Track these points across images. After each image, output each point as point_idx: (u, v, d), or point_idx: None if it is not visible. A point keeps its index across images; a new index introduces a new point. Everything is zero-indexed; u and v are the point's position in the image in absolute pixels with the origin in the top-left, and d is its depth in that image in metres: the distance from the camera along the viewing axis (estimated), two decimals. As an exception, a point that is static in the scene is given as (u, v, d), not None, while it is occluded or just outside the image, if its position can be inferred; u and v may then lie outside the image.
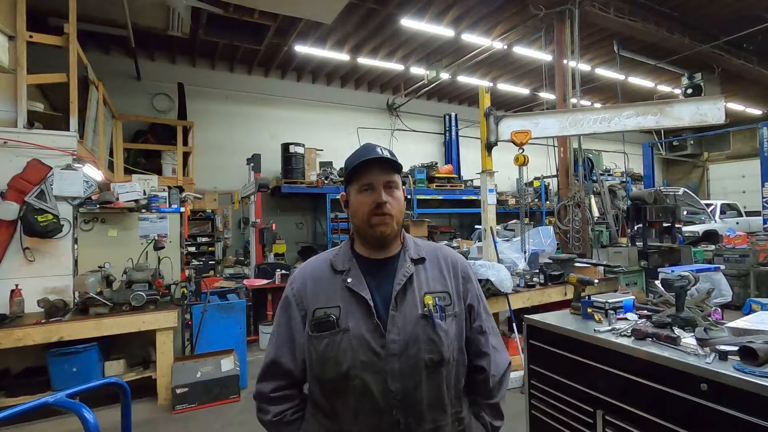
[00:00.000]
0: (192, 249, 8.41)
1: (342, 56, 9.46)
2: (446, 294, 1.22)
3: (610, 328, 2.09)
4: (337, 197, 9.69)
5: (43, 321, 3.58)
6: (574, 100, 7.31)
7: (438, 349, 1.14)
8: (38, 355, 3.72)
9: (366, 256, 1.24)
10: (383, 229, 1.18)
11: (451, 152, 12.49)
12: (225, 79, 10.08)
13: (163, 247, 4.58)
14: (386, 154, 1.19)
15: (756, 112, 14.75)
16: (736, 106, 13.92)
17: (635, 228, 6.18)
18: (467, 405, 1.26)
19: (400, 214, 1.22)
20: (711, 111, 4.24)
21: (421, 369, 1.13)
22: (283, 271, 6.15)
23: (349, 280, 1.18)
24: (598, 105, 12.44)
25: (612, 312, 2.26)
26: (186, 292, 4.45)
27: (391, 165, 1.20)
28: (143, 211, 4.68)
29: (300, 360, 1.21)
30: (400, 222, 1.23)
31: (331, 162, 10.11)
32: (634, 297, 2.46)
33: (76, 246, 4.29)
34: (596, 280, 3.15)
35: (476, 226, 9.33)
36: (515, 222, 8.89)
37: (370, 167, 1.18)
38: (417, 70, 10.33)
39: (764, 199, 8.10)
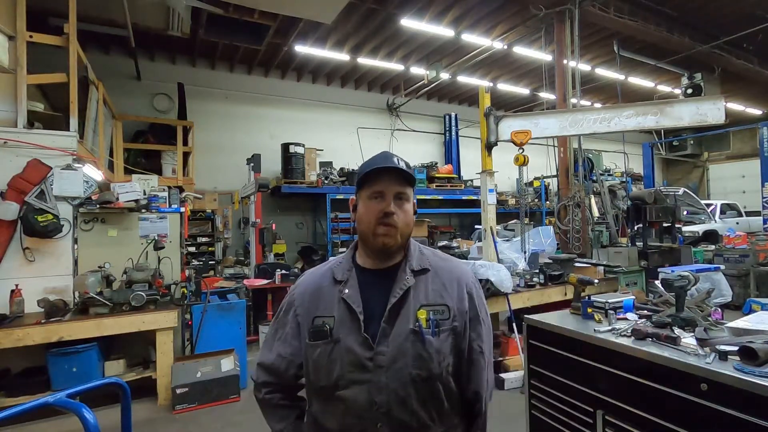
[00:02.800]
0: (192, 249, 8.41)
1: (342, 56, 9.46)
2: (445, 307, 1.18)
3: (610, 328, 2.09)
4: (338, 197, 9.59)
5: (43, 321, 3.58)
6: (574, 100, 7.31)
7: (426, 366, 1.12)
8: (38, 355, 3.72)
9: (366, 267, 1.24)
10: (386, 241, 1.17)
11: (451, 152, 12.49)
12: (225, 79, 10.08)
13: (163, 247, 4.58)
14: (402, 165, 1.18)
15: (756, 112, 14.75)
16: (736, 106, 13.92)
17: (635, 228, 6.18)
18: (460, 419, 1.23)
19: (406, 227, 1.20)
20: (711, 111, 4.25)
21: (408, 384, 1.11)
22: (283, 271, 6.14)
23: (345, 291, 1.19)
24: (598, 105, 12.44)
25: (612, 312, 2.26)
26: (186, 292, 4.45)
27: (405, 177, 1.19)
28: (143, 211, 4.68)
29: (294, 365, 1.25)
30: (406, 235, 1.21)
31: (331, 162, 10.10)
32: (634, 297, 2.46)
33: (76, 246, 4.30)
34: (596, 280, 3.16)
35: (476, 226, 9.32)
36: (515, 222, 8.89)
37: (383, 175, 1.17)
38: (417, 70, 10.33)
39: (764, 199, 8.10)
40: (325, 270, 1.29)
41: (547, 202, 11.67)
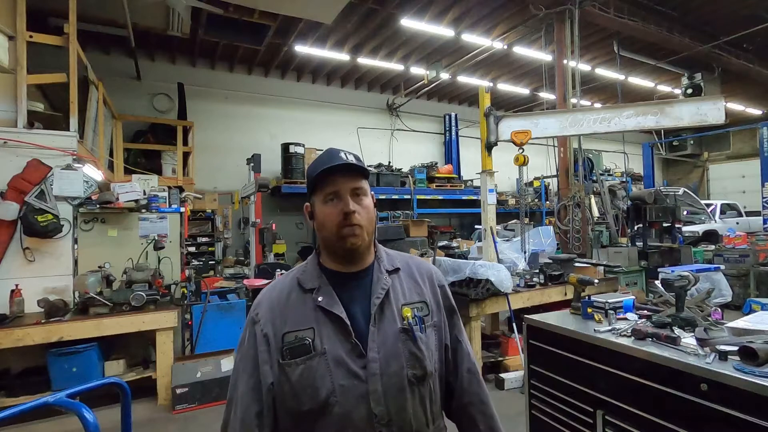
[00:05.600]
0: (192, 249, 8.41)
1: (342, 56, 9.46)
2: (424, 304, 1.17)
3: (610, 328, 2.09)
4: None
5: (43, 321, 3.58)
6: (574, 100, 7.31)
7: (421, 364, 1.08)
8: (38, 355, 3.72)
9: (336, 270, 1.15)
10: (354, 241, 1.08)
11: (451, 152, 12.49)
12: (225, 79, 10.08)
13: (163, 247, 4.58)
14: (351, 158, 1.10)
15: (756, 112, 14.75)
16: (736, 106, 13.92)
17: (635, 228, 6.19)
18: (444, 421, 1.22)
19: (370, 223, 1.12)
20: (711, 111, 4.24)
21: (405, 387, 1.06)
22: (283, 271, 6.14)
23: (320, 298, 1.09)
24: (598, 105, 12.44)
25: (612, 312, 2.26)
26: (186, 292, 4.46)
27: (358, 170, 1.11)
28: (143, 211, 4.68)
29: (267, 404, 1.07)
30: (371, 232, 1.14)
31: (331, 162, 10.09)
32: (634, 297, 2.46)
33: (76, 246, 4.30)
34: (596, 280, 3.15)
35: (476, 226, 9.32)
36: (515, 222, 8.89)
37: (334, 174, 1.08)
38: (417, 70, 10.33)
39: (764, 199, 8.11)
40: (289, 280, 1.17)
41: (547, 202, 11.67)
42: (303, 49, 9.02)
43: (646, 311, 2.32)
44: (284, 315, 1.10)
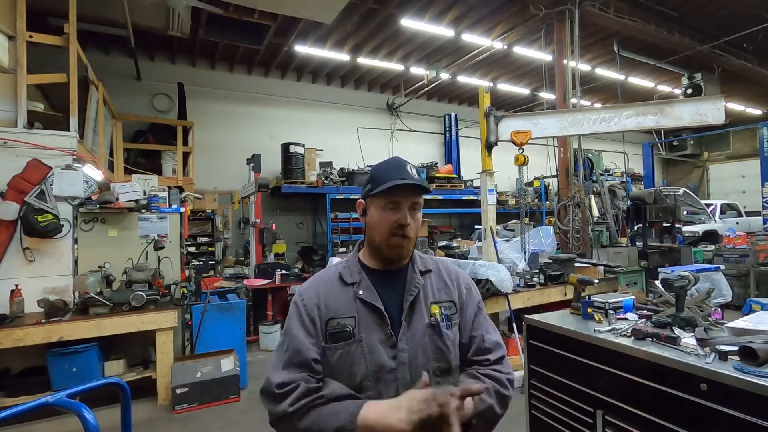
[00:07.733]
0: (192, 249, 8.41)
1: (342, 56, 9.46)
2: (452, 303, 1.26)
3: (610, 328, 2.09)
4: (338, 197, 9.51)
5: (43, 321, 3.58)
6: (574, 100, 7.31)
7: (446, 358, 1.18)
8: (38, 355, 3.73)
9: (375, 267, 1.26)
10: (400, 252, 1.22)
11: (451, 152, 12.49)
12: (225, 79, 10.08)
13: (163, 247, 4.58)
14: (415, 174, 1.21)
15: (756, 112, 14.74)
16: (736, 106, 13.92)
17: (635, 228, 6.18)
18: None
19: (416, 235, 1.24)
20: (711, 111, 4.24)
21: (431, 379, 1.13)
22: (283, 271, 6.15)
23: (360, 291, 1.20)
24: (598, 105, 12.43)
25: (612, 312, 2.26)
26: (186, 292, 4.46)
27: (420, 188, 1.20)
28: (143, 211, 4.68)
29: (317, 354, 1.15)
30: (415, 242, 1.26)
31: (331, 162, 10.11)
32: (634, 297, 2.46)
33: (76, 246, 4.30)
34: (596, 280, 3.15)
35: (476, 226, 9.32)
36: (515, 222, 8.89)
37: (399, 185, 1.17)
38: (417, 70, 10.33)
39: (764, 199, 8.10)
40: (331, 274, 1.28)
41: (547, 202, 11.67)
42: (303, 49, 9.01)
43: (646, 311, 2.33)
44: (328, 303, 1.20)
